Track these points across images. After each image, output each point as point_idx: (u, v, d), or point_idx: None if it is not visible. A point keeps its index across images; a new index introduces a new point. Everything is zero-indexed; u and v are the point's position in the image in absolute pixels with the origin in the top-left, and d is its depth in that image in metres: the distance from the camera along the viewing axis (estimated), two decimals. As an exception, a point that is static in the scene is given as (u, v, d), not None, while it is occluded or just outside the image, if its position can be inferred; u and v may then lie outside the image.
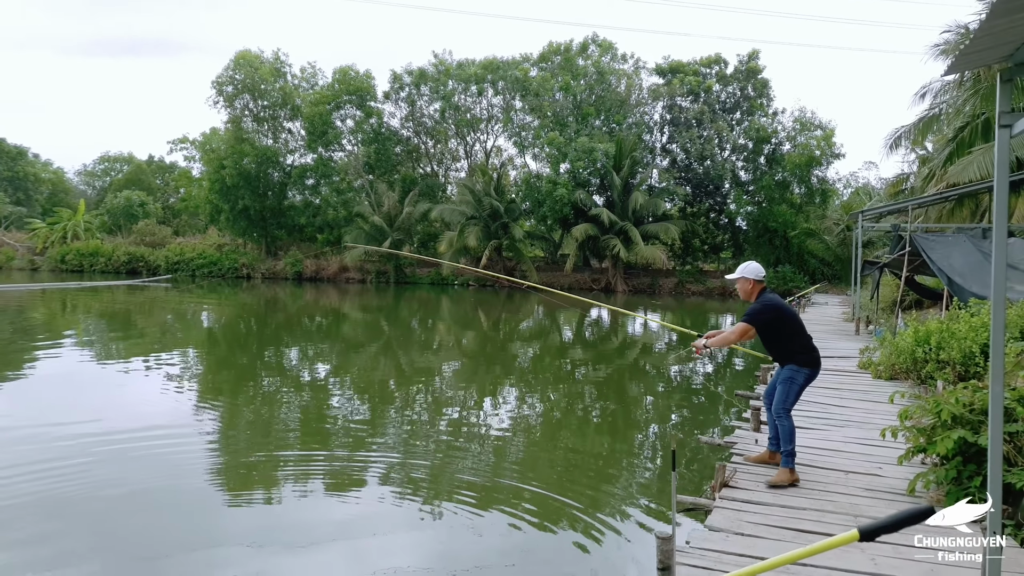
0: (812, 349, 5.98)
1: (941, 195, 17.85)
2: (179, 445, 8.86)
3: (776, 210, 41.51)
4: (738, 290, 6.15)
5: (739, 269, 6.10)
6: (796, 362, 5.93)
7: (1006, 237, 3.53)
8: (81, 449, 8.49)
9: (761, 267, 6.12)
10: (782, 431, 5.87)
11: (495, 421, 11.04)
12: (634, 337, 24.71)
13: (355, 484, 7.62)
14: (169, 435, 9.29)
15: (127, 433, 9.23)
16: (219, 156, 44.71)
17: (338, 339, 21.68)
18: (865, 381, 10.56)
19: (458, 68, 45.04)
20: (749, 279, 6.02)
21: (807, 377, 5.93)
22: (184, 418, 10.38)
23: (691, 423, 11.20)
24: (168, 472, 7.81)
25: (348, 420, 10.82)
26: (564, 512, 6.69)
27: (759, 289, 6.05)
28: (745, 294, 6.10)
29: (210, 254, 46.74)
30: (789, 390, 5.93)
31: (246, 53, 44.30)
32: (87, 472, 7.64)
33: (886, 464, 6.23)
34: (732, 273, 6.16)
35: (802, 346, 5.94)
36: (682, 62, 43.63)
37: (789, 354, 5.94)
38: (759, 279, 6.03)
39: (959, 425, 5.29)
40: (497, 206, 40.79)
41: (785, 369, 5.99)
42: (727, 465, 5.79)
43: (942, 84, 26.10)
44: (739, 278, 6.07)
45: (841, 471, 6.06)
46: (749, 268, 6.05)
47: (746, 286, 6.05)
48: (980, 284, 12.89)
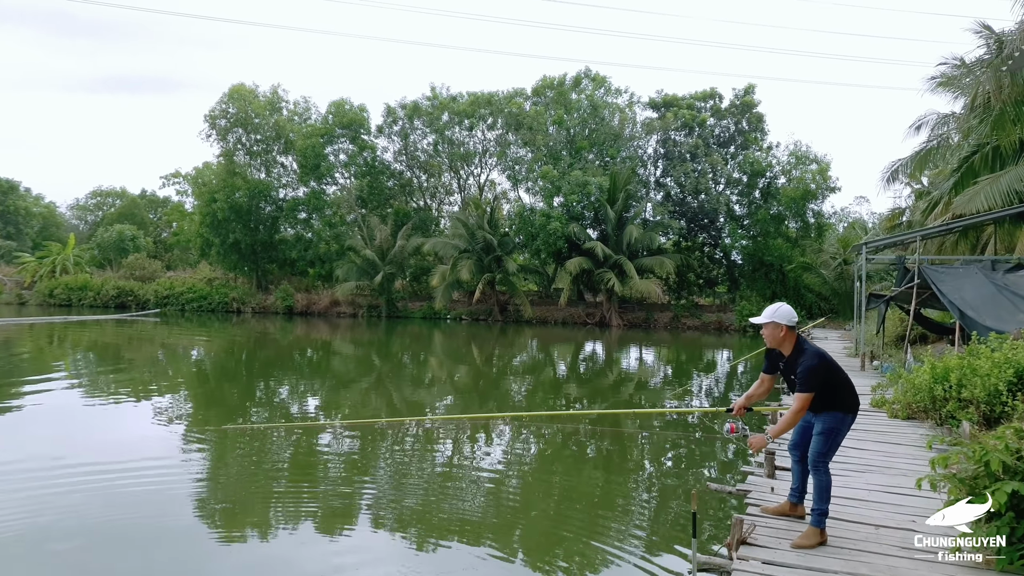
0: (853, 390, 5.27)
1: (947, 226, 17.38)
2: (166, 482, 8.70)
3: (771, 244, 41.17)
4: (765, 336, 5.32)
5: (767, 312, 5.32)
6: (841, 408, 5.16)
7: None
8: (68, 485, 8.35)
9: (793, 311, 5.31)
10: (817, 486, 5.15)
11: (487, 459, 10.72)
12: (629, 372, 24.08)
13: (346, 521, 7.53)
14: (156, 471, 9.13)
15: (113, 469, 9.06)
16: (211, 190, 44.35)
17: (329, 374, 21.08)
18: (881, 420, 9.91)
19: (451, 101, 44.96)
20: (781, 325, 5.23)
21: (850, 424, 5.25)
22: (172, 454, 10.20)
23: (696, 465, 10.53)
24: (155, 509, 7.68)
25: (339, 457, 10.58)
26: (559, 558, 6.22)
27: (793, 338, 5.27)
28: (775, 341, 5.29)
29: (200, 288, 46.11)
30: (833, 441, 5.17)
31: (240, 87, 44.19)
32: (72, 508, 7.55)
33: (919, 517, 5.57)
34: (757, 316, 5.38)
35: (845, 391, 5.21)
36: (676, 96, 43.66)
37: (831, 402, 5.18)
38: (791, 325, 5.25)
39: (1009, 475, 4.66)
40: (490, 239, 40.36)
41: (827, 417, 5.18)
42: (744, 519, 5.12)
43: (938, 117, 25.91)
44: (769, 323, 5.27)
45: (871, 525, 5.40)
46: (781, 312, 5.27)
47: (776, 333, 5.25)
48: (994, 317, 12.33)
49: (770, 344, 5.34)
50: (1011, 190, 15.35)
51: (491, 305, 42.49)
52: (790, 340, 5.26)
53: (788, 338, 5.26)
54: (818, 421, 5.24)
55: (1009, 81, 10.66)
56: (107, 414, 13.37)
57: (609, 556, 6.67)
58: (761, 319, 5.31)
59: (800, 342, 5.27)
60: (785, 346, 5.27)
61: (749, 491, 6.21)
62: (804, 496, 5.51)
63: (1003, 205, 15.54)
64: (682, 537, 7.02)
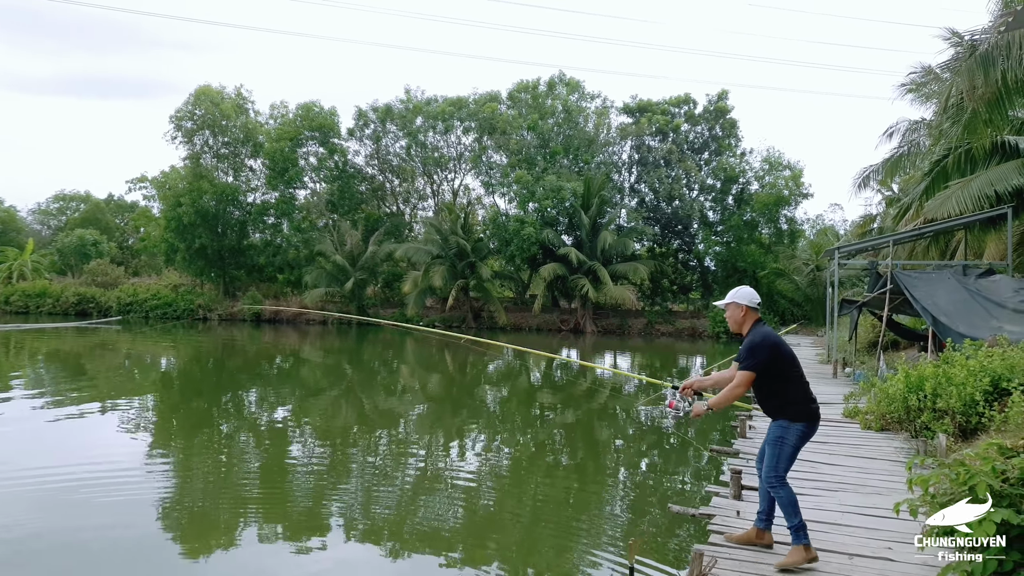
0: (809, 399, 4.88)
1: (919, 231, 17.17)
2: (131, 493, 8.40)
3: (744, 250, 41.08)
4: (728, 319, 5.13)
5: (729, 295, 5.13)
6: (787, 415, 4.82)
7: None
8: (29, 497, 8.12)
9: (754, 292, 5.09)
10: (781, 503, 4.74)
11: (459, 469, 10.48)
12: (602, 379, 23.67)
13: (316, 532, 7.36)
14: (121, 483, 8.80)
15: (77, 481, 8.76)
16: (176, 193, 43.29)
17: (298, 383, 20.50)
18: (854, 432, 9.51)
19: (426, 105, 44.41)
20: (741, 305, 5.02)
21: (801, 434, 4.81)
22: (136, 466, 9.85)
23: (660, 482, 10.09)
24: (121, 521, 7.42)
25: (309, 467, 10.31)
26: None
27: (753, 319, 5.02)
28: (735, 324, 5.08)
29: (165, 295, 45.01)
30: (780, 453, 4.81)
31: (207, 88, 43.25)
32: (36, 520, 7.31)
33: (896, 543, 5.12)
34: (720, 300, 5.16)
35: (796, 396, 4.85)
36: (651, 101, 43.49)
37: (780, 405, 4.84)
38: (753, 306, 5.02)
39: (995, 500, 4.21)
40: (464, 245, 39.81)
41: (773, 426, 4.88)
42: (704, 551, 4.62)
43: (909, 123, 25.89)
44: (729, 303, 5.08)
45: (844, 553, 4.93)
46: (740, 293, 5.08)
47: (737, 314, 5.04)
48: (968, 324, 12.04)
49: (733, 328, 5.13)
50: (982, 194, 15.14)
51: (464, 312, 41.88)
52: (750, 321, 5.02)
53: (748, 319, 5.03)
54: (768, 430, 4.94)
55: (983, 81, 10.38)
56: (67, 426, 12.70)
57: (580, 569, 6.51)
58: (723, 301, 5.13)
59: (756, 324, 4.99)
60: (745, 327, 5.03)
61: (713, 515, 5.72)
62: (772, 521, 5.05)
63: (974, 209, 15.33)
64: (653, 553, 6.65)
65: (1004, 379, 8.33)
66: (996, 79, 10.44)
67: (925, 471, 5.04)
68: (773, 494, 4.80)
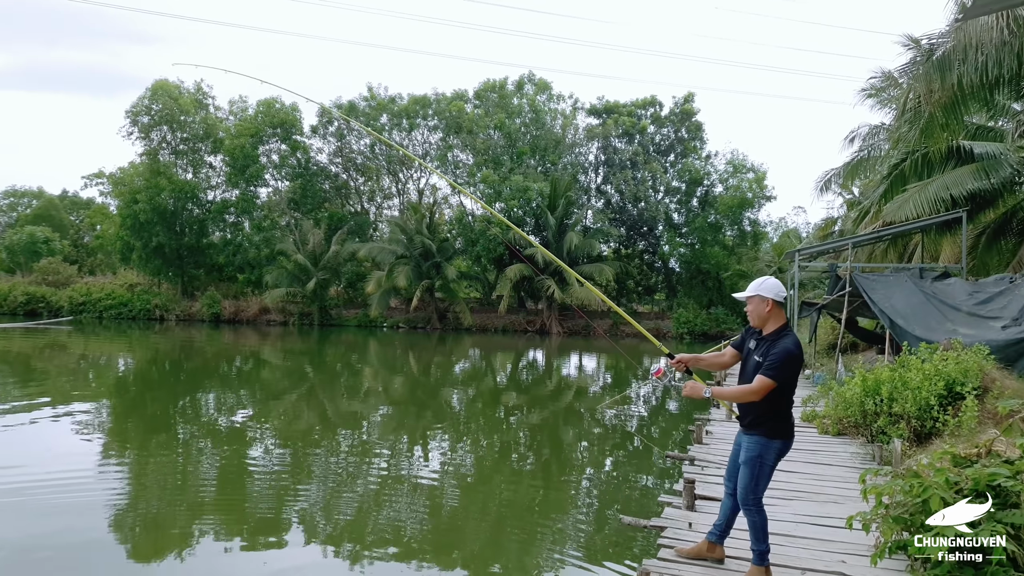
0: (790, 415, 4.55)
1: (877, 234, 17.29)
2: (83, 497, 8.15)
3: (708, 252, 41.31)
4: (749, 312, 4.58)
5: (753, 286, 4.58)
6: (765, 431, 4.42)
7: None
8: None
9: (781, 285, 4.54)
10: (751, 527, 4.50)
11: (422, 472, 10.36)
12: (568, 380, 23.60)
13: (276, 537, 7.24)
14: (71, 486, 8.54)
15: (24, 484, 8.53)
16: (132, 190, 42.16)
17: (259, 385, 20.04)
18: (811, 436, 9.44)
19: (390, 103, 43.93)
20: (767, 298, 4.48)
21: (778, 453, 4.49)
22: (90, 470, 9.54)
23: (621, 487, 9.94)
24: (72, 525, 7.21)
25: (269, 470, 10.09)
26: None
27: (779, 316, 4.51)
28: (759, 319, 4.53)
29: (120, 294, 43.87)
30: (759, 473, 4.46)
31: (164, 83, 42.23)
32: None
33: (850, 555, 4.98)
34: (740, 292, 4.62)
35: (783, 411, 4.48)
36: (618, 103, 43.55)
37: (763, 418, 4.43)
38: (780, 300, 4.49)
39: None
40: (429, 245, 39.46)
41: (752, 441, 4.48)
42: (651, 568, 4.42)
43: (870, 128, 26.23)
44: (753, 296, 4.54)
45: (797, 568, 4.77)
46: (766, 285, 4.53)
47: (761, 308, 4.50)
48: (923, 327, 12.08)
49: (754, 322, 4.59)
50: (938, 198, 15.30)
51: (430, 313, 41.51)
52: (776, 318, 4.50)
53: (775, 315, 4.49)
54: (743, 446, 4.56)
55: (939, 85, 10.41)
56: (15, 429, 12.19)
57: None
58: (746, 293, 4.59)
59: (785, 328, 4.50)
60: (769, 324, 4.51)
61: (664, 528, 5.53)
62: (726, 536, 4.86)
63: (930, 213, 15.48)
64: (613, 554, 6.56)
65: (958, 383, 8.31)
66: (952, 83, 10.48)
67: (879, 481, 4.91)
68: (746, 515, 4.51)
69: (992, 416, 7.71)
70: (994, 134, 16.20)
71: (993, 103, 12.84)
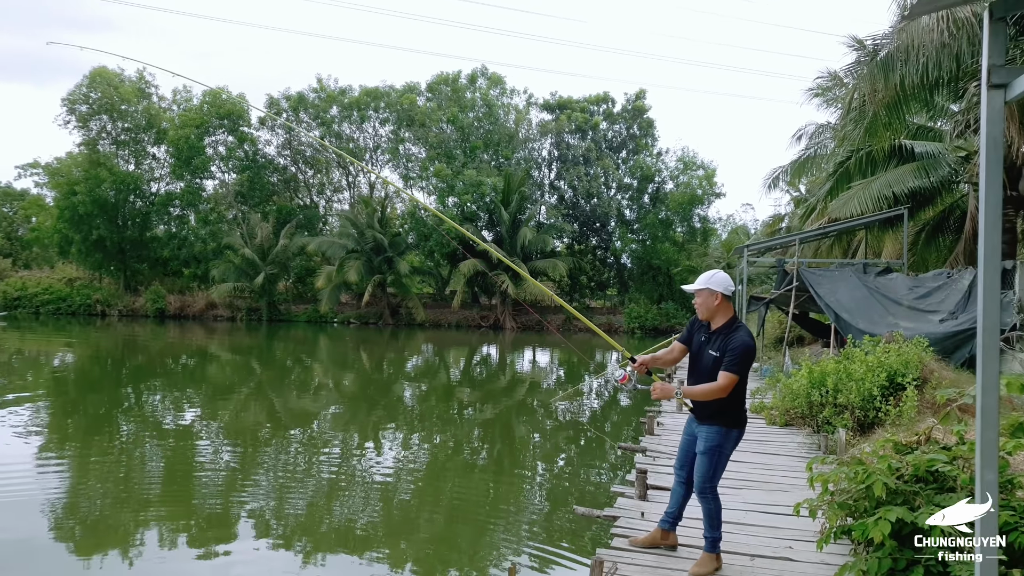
0: (744, 403, 4.64)
1: (823, 230, 17.72)
2: (22, 498, 7.87)
3: (659, 248, 41.82)
4: (697, 306, 4.62)
5: (702, 279, 4.63)
6: (724, 422, 4.51)
7: (999, 247, 2.38)
8: None
9: (729, 278, 4.61)
10: (706, 513, 4.57)
11: (374, 468, 10.30)
12: (522, 375, 23.66)
13: (224, 535, 7.11)
14: (10, 487, 8.26)
15: None
16: (70, 181, 40.67)
17: (206, 382, 19.61)
18: (759, 428, 9.62)
19: (341, 95, 43.30)
20: (716, 292, 4.53)
21: (735, 441, 4.61)
22: (27, 469, 9.27)
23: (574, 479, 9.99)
24: (7, 525, 6.99)
25: (216, 468, 9.93)
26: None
27: (728, 310, 4.59)
28: (707, 311, 4.59)
29: (58, 289, 42.37)
30: (718, 463, 4.55)
31: (103, 70, 40.80)
32: None
33: (797, 541, 5.08)
34: (689, 284, 4.67)
35: (740, 401, 4.57)
36: (571, 99, 43.72)
37: (720, 409, 4.51)
38: (728, 294, 4.57)
39: (890, 498, 4.19)
40: (381, 239, 39.07)
41: (711, 432, 4.54)
42: (605, 558, 4.44)
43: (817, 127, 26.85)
44: (703, 289, 4.57)
45: (745, 555, 4.85)
46: (716, 278, 4.58)
47: (711, 301, 4.55)
48: (866, 320, 12.43)
49: (702, 315, 4.63)
50: (881, 195, 15.74)
51: (381, 308, 41.12)
52: (725, 311, 4.56)
53: (723, 308, 4.56)
54: (701, 436, 4.60)
55: (883, 85, 10.70)
56: None
57: (492, 566, 6.50)
58: (695, 286, 4.62)
59: (735, 321, 4.58)
60: (718, 318, 4.57)
61: (617, 517, 5.55)
62: (678, 523, 4.92)
63: (874, 210, 15.93)
64: (567, 544, 6.59)
65: (899, 374, 8.56)
66: (895, 83, 10.77)
67: (825, 469, 5.01)
68: (702, 503, 4.58)
69: (931, 405, 7.97)
70: (934, 134, 16.74)
71: (933, 104, 13.25)
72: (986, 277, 2.34)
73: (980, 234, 2.36)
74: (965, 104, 11.12)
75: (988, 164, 2.35)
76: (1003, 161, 9.35)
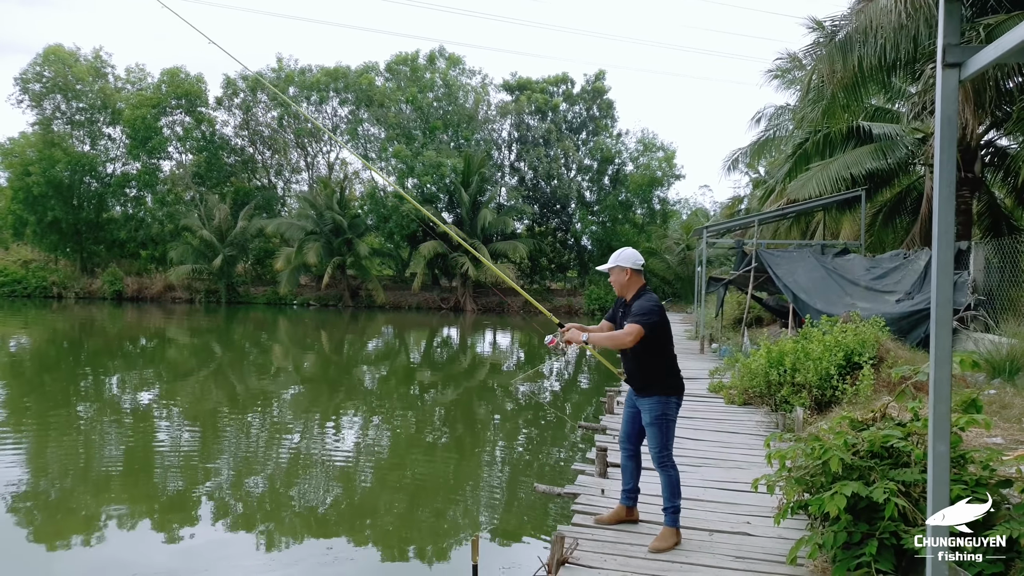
0: (678, 371, 4.85)
1: (782, 211, 17.94)
2: None
3: (619, 230, 42.05)
4: (612, 283, 4.93)
5: (612, 258, 4.93)
6: (661, 391, 4.71)
7: (953, 225, 2.39)
8: None
9: (638, 254, 4.93)
10: (666, 483, 4.69)
11: (336, 450, 10.20)
12: (482, 356, 23.65)
13: (184, 519, 7.01)
14: None
15: None
16: (24, 162, 39.45)
17: (164, 365, 19.24)
18: (718, 407, 9.74)
19: (299, 75, 42.50)
20: (625, 268, 4.83)
21: (677, 407, 4.79)
22: None
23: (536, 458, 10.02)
24: None
25: (177, 451, 9.80)
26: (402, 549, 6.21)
27: (638, 283, 4.86)
28: (620, 287, 4.88)
29: (12, 271, 41.19)
30: (667, 431, 4.72)
31: (57, 48, 39.55)
32: None
33: (755, 517, 5.16)
34: (603, 265, 4.97)
35: (671, 368, 4.78)
36: (530, 80, 43.54)
37: (653, 378, 4.72)
38: (637, 268, 4.86)
39: (846, 473, 4.25)
40: (340, 221, 38.60)
41: (651, 402, 4.71)
42: (565, 534, 4.45)
43: (776, 109, 27.18)
44: (614, 267, 4.87)
45: (704, 530, 4.91)
46: (624, 256, 4.88)
47: (622, 277, 4.84)
48: (824, 300, 12.64)
49: (617, 291, 4.95)
50: (839, 177, 15.97)
51: (341, 290, 40.72)
52: (635, 284, 4.86)
53: (633, 282, 4.86)
54: (644, 409, 4.78)
55: (841, 66, 10.82)
56: None
57: (455, 545, 6.53)
58: (607, 265, 4.93)
59: (645, 288, 4.86)
60: (630, 291, 4.86)
61: (578, 494, 5.58)
62: (638, 497, 5.01)
63: (832, 191, 16.17)
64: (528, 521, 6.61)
65: (856, 354, 8.72)
66: (853, 65, 10.90)
67: (783, 446, 5.08)
68: (661, 473, 4.71)
69: (886, 384, 8.14)
70: (891, 116, 17.00)
71: (890, 86, 13.44)
72: (940, 254, 2.36)
73: (934, 214, 2.38)
74: (922, 86, 11.30)
75: (942, 143, 2.36)
76: (958, 142, 9.52)
